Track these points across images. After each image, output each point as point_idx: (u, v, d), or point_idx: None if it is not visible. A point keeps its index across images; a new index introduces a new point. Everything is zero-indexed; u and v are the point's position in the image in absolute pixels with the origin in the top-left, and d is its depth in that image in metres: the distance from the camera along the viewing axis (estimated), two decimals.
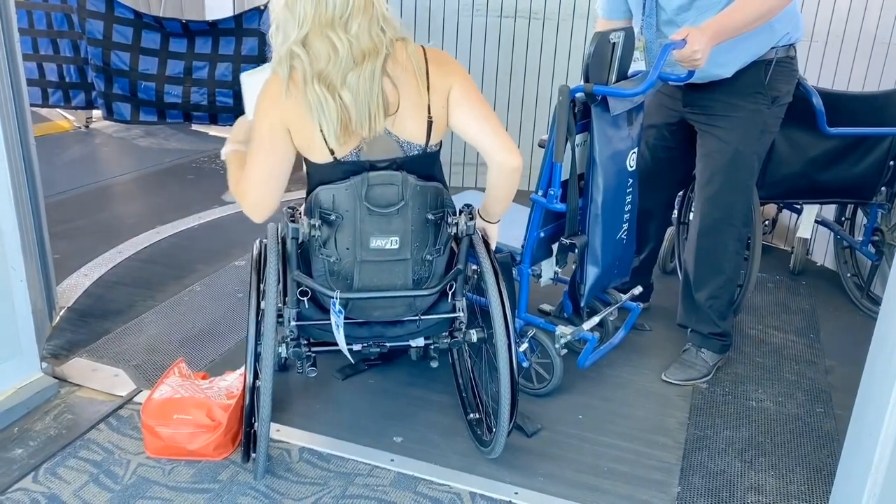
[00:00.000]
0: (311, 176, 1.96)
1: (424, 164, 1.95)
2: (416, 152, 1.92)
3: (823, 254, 3.69)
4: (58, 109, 5.49)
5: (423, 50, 1.91)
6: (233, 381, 2.30)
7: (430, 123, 1.90)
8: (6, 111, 2.25)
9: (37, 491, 1.99)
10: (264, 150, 1.89)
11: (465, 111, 1.94)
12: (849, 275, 3.42)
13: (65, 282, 3.13)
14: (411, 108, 1.88)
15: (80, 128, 5.56)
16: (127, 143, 5.34)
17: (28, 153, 2.49)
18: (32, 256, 2.44)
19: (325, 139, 1.83)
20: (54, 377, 2.44)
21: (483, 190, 2.14)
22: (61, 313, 2.88)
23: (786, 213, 3.72)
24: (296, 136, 1.87)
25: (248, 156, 1.93)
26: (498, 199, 2.10)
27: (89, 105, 5.19)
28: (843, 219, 3.44)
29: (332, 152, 1.86)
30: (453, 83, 1.92)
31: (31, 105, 4.37)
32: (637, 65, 2.50)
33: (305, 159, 1.94)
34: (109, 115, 4.98)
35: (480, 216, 2.16)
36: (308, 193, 1.96)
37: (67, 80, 5.08)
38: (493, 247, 2.17)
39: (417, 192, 1.92)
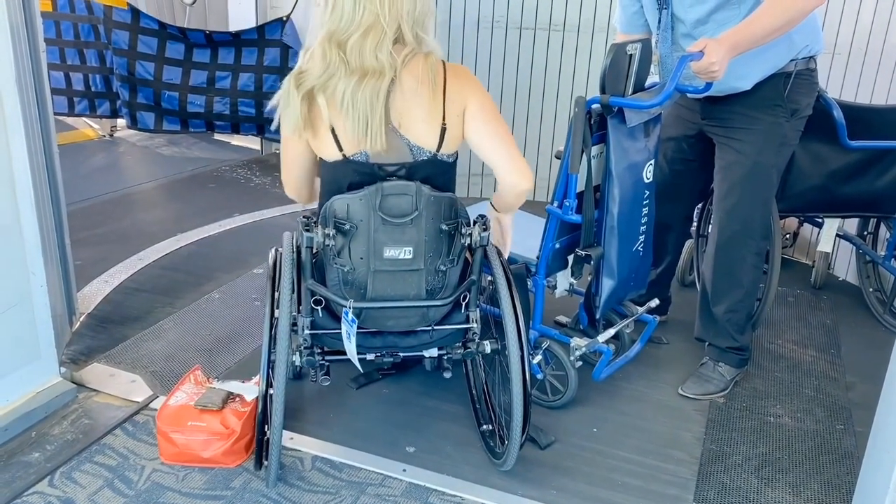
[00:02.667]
0: (323, 179, 2.04)
1: (435, 171, 1.97)
2: (426, 157, 1.95)
3: (845, 268, 3.64)
4: (83, 118, 5.57)
5: (444, 64, 1.95)
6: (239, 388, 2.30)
7: (443, 129, 1.92)
8: (31, 120, 2.29)
9: (52, 494, 2.01)
10: (288, 148, 2.06)
11: (479, 127, 1.98)
12: (871, 290, 3.37)
13: (85, 288, 3.17)
14: (424, 115, 1.91)
15: (104, 136, 5.64)
16: (150, 151, 5.41)
17: (51, 161, 2.52)
18: (53, 262, 2.48)
19: (335, 136, 1.89)
20: (72, 382, 2.47)
21: None
22: (81, 319, 2.91)
23: (807, 226, 3.68)
24: (312, 135, 1.94)
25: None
26: (508, 205, 2.18)
27: (114, 114, 5.26)
28: (866, 233, 3.39)
29: (340, 149, 1.91)
30: (469, 97, 1.96)
31: (58, 114, 4.47)
32: (653, 78, 2.49)
33: (321, 164, 2.01)
34: (134, 124, 5.05)
35: (493, 206, 2.21)
36: (322, 199, 2.01)
37: (93, 89, 5.16)
38: (509, 239, 2.21)
39: (431, 203, 1.92)
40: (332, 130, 1.89)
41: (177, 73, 4.91)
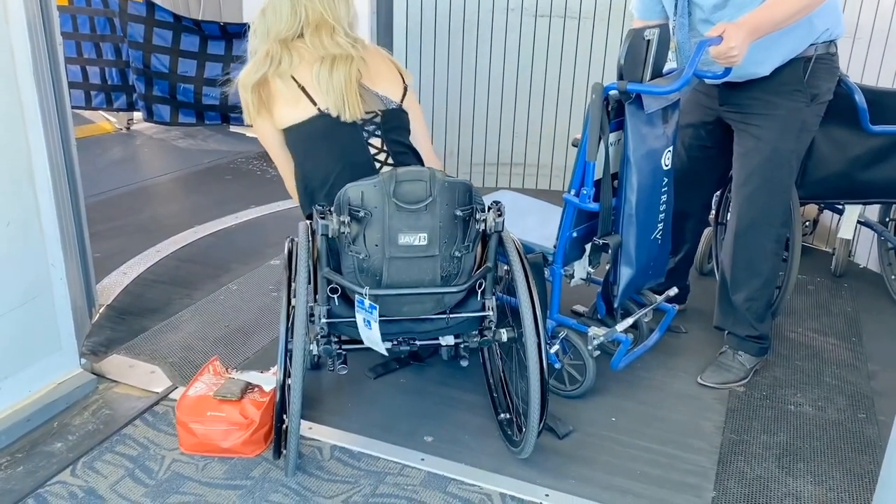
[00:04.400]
0: (298, 143, 2.22)
1: (402, 124, 2.25)
2: (395, 107, 2.21)
3: (866, 256, 3.60)
4: (100, 111, 5.61)
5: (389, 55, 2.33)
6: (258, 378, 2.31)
7: (405, 88, 2.24)
8: (48, 114, 2.30)
9: (74, 484, 2.03)
10: (262, 134, 2.32)
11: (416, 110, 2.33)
12: (893, 277, 3.32)
13: (105, 280, 3.20)
14: (388, 78, 2.23)
15: (121, 129, 5.68)
16: (166, 144, 5.44)
17: (69, 154, 2.54)
18: (73, 255, 2.49)
19: (307, 95, 2.13)
20: (93, 373, 2.49)
21: (518, 190, 2.17)
22: (101, 311, 2.94)
23: (827, 213, 3.64)
24: (280, 108, 2.17)
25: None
26: None
27: (130, 107, 5.30)
28: (888, 219, 3.34)
29: (314, 103, 2.12)
30: (410, 83, 2.31)
31: (75, 107, 4.49)
32: (671, 65, 2.46)
33: (288, 135, 2.21)
34: (150, 117, 5.08)
35: None
36: (300, 167, 2.25)
37: (110, 82, 5.20)
38: None
39: (445, 189, 1.92)
40: (306, 93, 2.13)
41: (192, 66, 4.92)
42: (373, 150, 2.18)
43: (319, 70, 2.11)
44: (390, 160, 2.18)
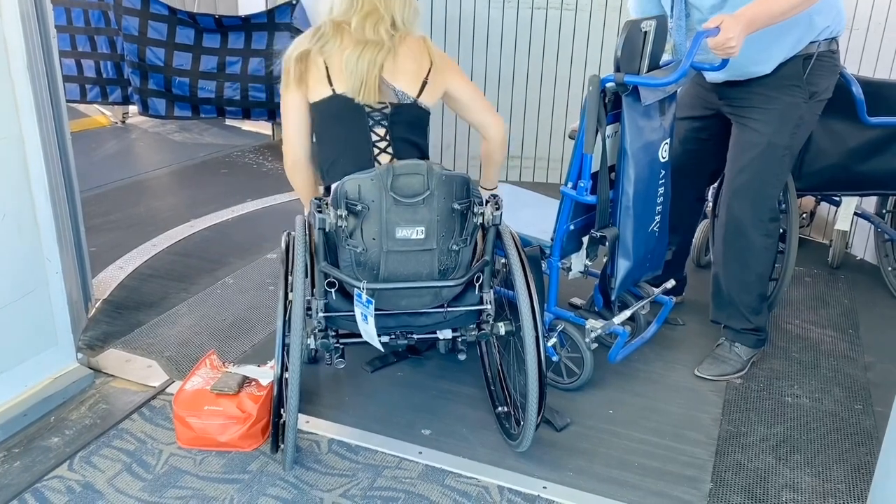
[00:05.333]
0: (315, 123, 2.23)
1: (413, 117, 2.21)
2: (408, 101, 2.18)
3: (863, 247, 3.60)
4: (95, 105, 5.59)
5: (432, 45, 2.29)
6: (255, 372, 2.31)
7: (424, 83, 2.20)
8: (43, 107, 2.29)
9: (72, 479, 2.03)
10: (287, 103, 2.24)
11: (466, 92, 2.32)
12: (890, 269, 3.33)
13: (100, 274, 3.19)
14: (411, 73, 2.19)
15: (116, 123, 5.66)
16: (162, 137, 5.42)
17: (64, 148, 2.53)
18: (68, 249, 2.48)
19: (328, 75, 2.15)
20: (89, 367, 2.49)
21: (515, 182, 2.15)
22: (97, 305, 2.93)
23: (824, 205, 3.64)
24: (312, 83, 2.18)
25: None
26: (497, 163, 2.42)
27: (126, 101, 5.26)
28: (884, 211, 3.35)
29: (330, 83, 2.14)
30: (450, 78, 2.28)
31: (70, 101, 4.47)
32: (667, 57, 2.45)
33: (312, 111, 2.21)
34: (145, 110, 5.05)
35: (483, 188, 2.41)
36: (318, 147, 2.25)
37: (104, 76, 5.17)
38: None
39: (443, 182, 1.92)
40: (328, 74, 2.16)
41: (187, 59, 4.90)
42: (374, 138, 2.18)
43: (350, 54, 2.14)
44: (389, 149, 2.17)
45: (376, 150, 2.17)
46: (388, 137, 2.17)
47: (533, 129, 4.51)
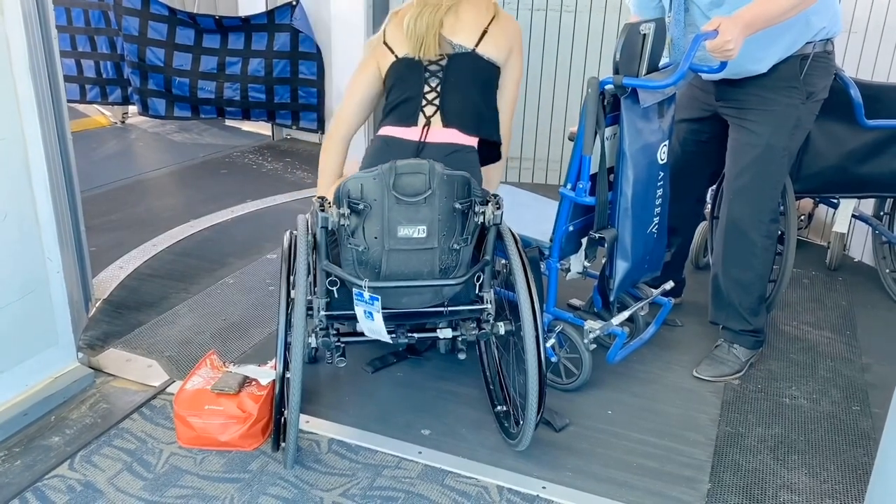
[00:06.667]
0: (387, 82, 2.34)
1: (472, 66, 2.27)
2: (465, 51, 2.26)
3: (861, 249, 3.61)
4: (95, 105, 5.59)
5: (499, 7, 2.37)
6: (255, 372, 2.32)
7: (483, 32, 2.27)
8: (44, 107, 2.29)
9: (72, 478, 2.04)
10: (358, 73, 2.40)
11: (514, 77, 2.38)
12: (887, 271, 3.34)
13: (101, 274, 3.19)
14: (471, 21, 2.28)
15: (116, 123, 5.66)
16: (162, 138, 5.42)
17: (65, 148, 2.53)
18: (69, 248, 2.49)
19: (390, 47, 2.31)
20: (90, 367, 2.49)
21: (514, 184, 2.15)
22: (97, 305, 2.94)
23: (822, 207, 3.65)
24: (380, 57, 2.33)
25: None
26: (495, 167, 2.45)
27: (125, 101, 5.28)
28: (882, 213, 3.36)
29: (392, 51, 2.29)
30: (514, 43, 2.34)
31: (70, 101, 4.47)
32: (666, 59, 2.46)
33: (386, 83, 2.33)
34: (145, 110, 5.06)
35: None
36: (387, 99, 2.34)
37: (104, 76, 5.18)
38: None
39: (444, 181, 1.93)
40: (390, 46, 2.31)
41: (187, 60, 4.91)
42: (426, 89, 2.25)
43: (409, 17, 2.25)
44: (437, 101, 2.24)
45: (423, 102, 2.24)
46: (438, 89, 2.24)
47: (532, 131, 4.52)
